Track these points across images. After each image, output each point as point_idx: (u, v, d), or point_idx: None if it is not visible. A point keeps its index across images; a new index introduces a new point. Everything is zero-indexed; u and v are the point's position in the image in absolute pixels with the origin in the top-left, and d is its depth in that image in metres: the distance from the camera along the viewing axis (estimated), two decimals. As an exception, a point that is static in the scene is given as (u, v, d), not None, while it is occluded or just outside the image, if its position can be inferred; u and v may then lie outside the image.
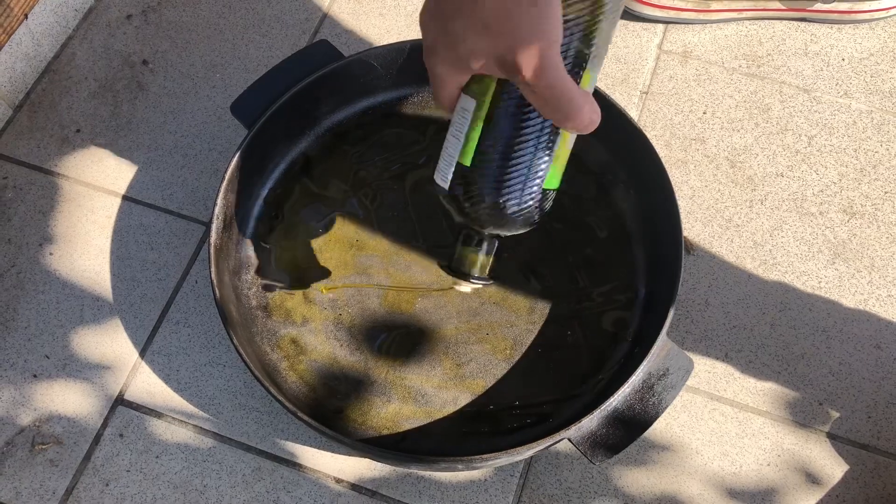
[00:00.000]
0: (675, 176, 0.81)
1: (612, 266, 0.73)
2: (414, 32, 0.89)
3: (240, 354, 0.63)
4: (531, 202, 0.51)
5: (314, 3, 0.91)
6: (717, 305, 0.75)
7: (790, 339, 0.74)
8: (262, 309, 0.72)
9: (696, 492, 0.69)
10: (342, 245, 0.74)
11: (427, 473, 0.69)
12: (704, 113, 0.84)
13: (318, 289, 0.73)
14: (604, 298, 0.72)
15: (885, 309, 0.75)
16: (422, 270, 0.73)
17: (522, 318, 0.71)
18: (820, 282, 0.76)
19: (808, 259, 0.77)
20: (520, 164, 0.49)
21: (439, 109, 0.79)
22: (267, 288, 0.73)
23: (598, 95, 0.72)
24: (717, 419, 0.71)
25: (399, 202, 0.76)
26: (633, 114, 0.84)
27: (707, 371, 0.73)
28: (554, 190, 0.52)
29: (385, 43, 0.77)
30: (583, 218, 0.75)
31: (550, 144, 0.49)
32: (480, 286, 0.59)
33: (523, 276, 0.73)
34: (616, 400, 0.61)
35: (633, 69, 0.86)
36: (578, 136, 0.65)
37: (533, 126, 0.48)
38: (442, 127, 0.79)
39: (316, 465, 0.70)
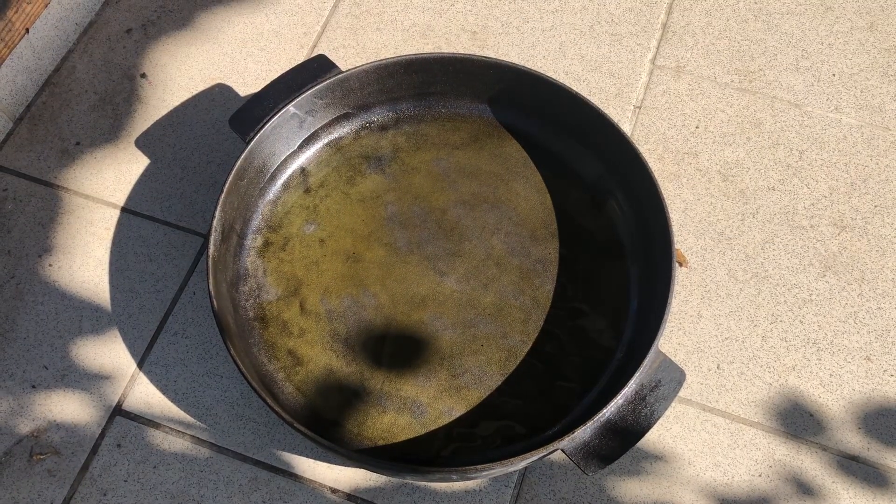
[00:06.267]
0: (667, 189, 0.82)
1: (604, 279, 0.74)
2: (410, 47, 0.90)
3: (237, 365, 0.64)
4: None
5: (312, 17, 0.93)
6: (709, 317, 0.76)
7: (781, 350, 0.75)
8: (259, 320, 0.73)
9: (689, 502, 0.69)
10: (339, 257, 0.75)
11: (422, 484, 0.70)
12: (697, 127, 0.85)
13: (315, 300, 0.73)
14: (597, 311, 0.73)
15: (874, 321, 0.76)
16: (418, 282, 0.74)
17: (516, 330, 0.72)
18: (811, 294, 0.77)
19: (799, 272, 0.78)
20: None
21: (436, 123, 0.80)
22: (264, 299, 0.74)
23: (592, 110, 0.73)
24: (709, 430, 0.72)
25: (396, 215, 0.77)
26: (626, 128, 0.85)
27: (699, 382, 0.74)
28: None
29: (382, 58, 0.78)
30: (576, 231, 0.76)
31: None
32: None
33: (517, 288, 0.74)
34: (609, 411, 0.62)
35: (626, 84, 0.87)
36: (571, 149, 0.65)
37: None
38: (441, 141, 0.80)
39: (312, 476, 0.71)
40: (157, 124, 0.87)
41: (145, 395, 0.74)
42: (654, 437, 0.72)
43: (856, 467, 0.70)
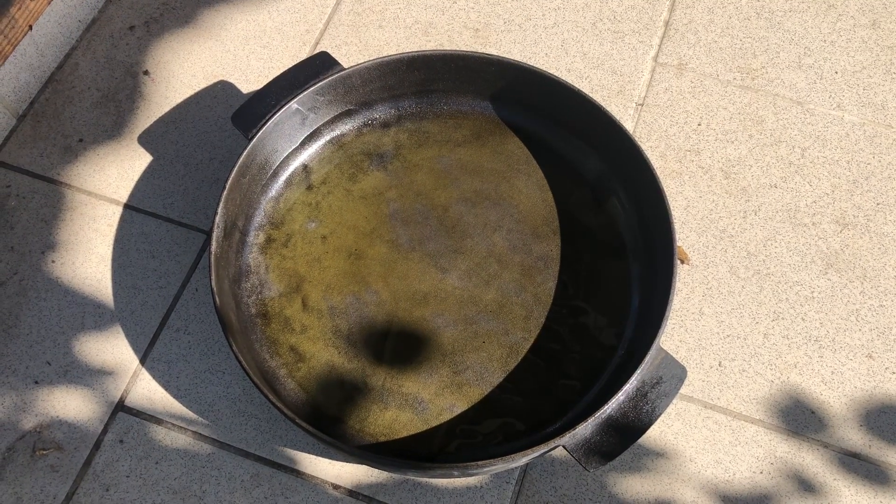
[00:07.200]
0: (669, 187, 0.82)
1: (606, 276, 0.74)
2: (412, 44, 0.90)
3: (239, 361, 0.64)
4: None
5: (315, 15, 0.93)
6: (710, 315, 0.76)
7: (783, 348, 0.75)
8: (261, 317, 0.73)
9: (690, 499, 0.69)
10: (341, 254, 0.75)
11: (423, 480, 0.70)
12: (699, 125, 0.85)
13: (317, 297, 0.73)
14: (598, 308, 0.73)
15: (876, 318, 0.76)
16: (420, 279, 0.74)
17: (518, 327, 0.72)
18: (812, 292, 0.77)
19: (801, 269, 0.78)
20: None
21: (438, 120, 0.80)
22: (266, 296, 0.74)
23: (594, 107, 0.73)
24: (710, 427, 0.72)
25: (398, 212, 0.77)
26: (628, 125, 0.85)
27: (701, 380, 0.74)
28: None
29: (384, 55, 0.78)
30: (578, 229, 0.76)
31: None
32: None
33: (518, 285, 0.74)
34: (610, 407, 0.62)
35: (628, 81, 0.87)
36: (573, 146, 0.65)
37: None
38: (443, 138, 0.80)
39: (314, 472, 0.71)
40: (159, 121, 0.87)
41: (147, 391, 0.74)
42: (656, 434, 0.72)
43: (857, 465, 0.70)
